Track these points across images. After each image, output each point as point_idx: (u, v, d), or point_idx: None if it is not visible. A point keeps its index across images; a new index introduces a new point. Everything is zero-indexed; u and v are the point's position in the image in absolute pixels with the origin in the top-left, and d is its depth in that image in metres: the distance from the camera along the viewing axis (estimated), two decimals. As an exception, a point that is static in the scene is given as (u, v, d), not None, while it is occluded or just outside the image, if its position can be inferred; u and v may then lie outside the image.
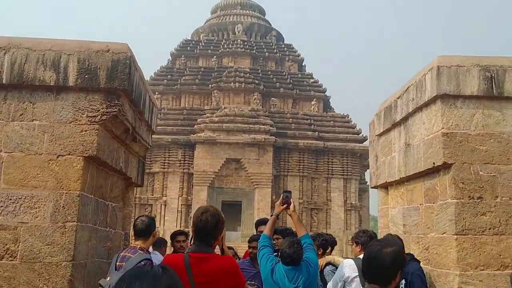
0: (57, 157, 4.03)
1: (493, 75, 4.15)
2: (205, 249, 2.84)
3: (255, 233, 5.16)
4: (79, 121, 4.05)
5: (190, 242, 4.25)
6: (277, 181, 27.40)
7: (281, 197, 3.97)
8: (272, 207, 26.25)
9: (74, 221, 3.97)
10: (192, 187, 27.08)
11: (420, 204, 4.65)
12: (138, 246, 3.74)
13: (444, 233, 4.10)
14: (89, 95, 4.07)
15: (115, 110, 4.06)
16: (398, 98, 5.00)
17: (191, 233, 2.95)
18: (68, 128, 4.04)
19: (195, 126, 27.27)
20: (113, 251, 5.18)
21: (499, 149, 4.08)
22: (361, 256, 3.72)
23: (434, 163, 4.21)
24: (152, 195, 28.10)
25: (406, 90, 4.77)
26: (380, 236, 5.81)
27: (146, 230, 3.83)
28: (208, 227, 2.81)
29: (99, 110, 4.05)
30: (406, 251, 4.88)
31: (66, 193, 3.99)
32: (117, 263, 3.62)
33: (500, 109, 4.15)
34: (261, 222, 5.30)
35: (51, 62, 4.08)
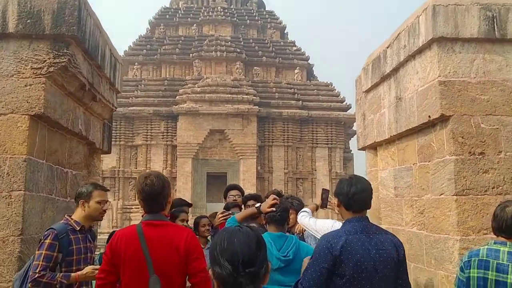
0: (-2, 117, 3.48)
1: (495, 14, 3.67)
2: (158, 217, 2.46)
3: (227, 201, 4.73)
4: (23, 73, 3.49)
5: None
6: (262, 152, 26.97)
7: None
8: (258, 178, 25.89)
9: (21, 190, 3.46)
10: (176, 159, 26.53)
11: (413, 164, 4.22)
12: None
13: (441, 194, 3.67)
14: (33, 43, 3.50)
15: (64, 60, 3.50)
16: (387, 48, 4.50)
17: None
18: (10, 82, 3.49)
19: (177, 97, 26.54)
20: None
21: (502, 99, 3.62)
22: None
23: (429, 116, 3.75)
24: (136, 168, 27.51)
25: (396, 37, 4.27)
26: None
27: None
28: (156, 189, 2.48)
29: (45, 60, 3.49)
30: (398, 215, 4.47)
31: (11, 157, 3.46)
32: None
33: (502, 54, 3.69)
34: (232, 187, 4.94)
35: (-14, 5, 3.48)
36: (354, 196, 2.48)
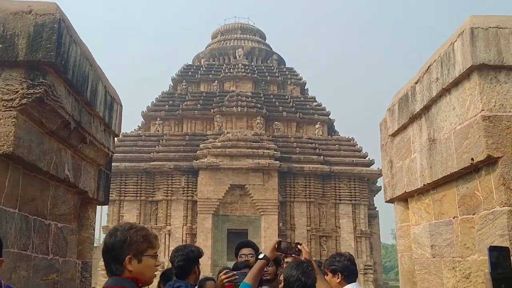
0: (-39, 157, 2.99)
1: (546, 39, 3.10)
2: (119, 282, 1.83)
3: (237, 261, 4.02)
4: (-9, 107, 3.01)
5: None
6: (283, 208, 26.14)
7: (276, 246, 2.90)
8: (280, 235, 24.78)
9: (-20, 244, 2.89)
10: (197, 215, 25.87)
11: (453, 217, 3.53)
12: None
13: (491, 253, 2.97)
14: (4, 71, 3.05)
15: (40, 91, 3.02)
16: (416, 83, 3.94)
17: None
18: (-23, 116, 3.01)
19: (198, 151, 26.28)
20: (63, 285, 4.08)
21: (562, 137, 2.98)
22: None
23: (472, 159, 3.12)
24: (156, 224, 26.90)
25: (427, 70, 3.71)
26: (399, 262, 4.69)
27: None
28: (117, 240, 1.88)
29: (18, 91, 3.02)
30: (438, 280, 3.74)
31: (-28, 205, 2.93)
32: None
33: (558, 84, 3.08)
34: (243, 244, 4.18)
35: (-46, 29, 3.07)
36: None
